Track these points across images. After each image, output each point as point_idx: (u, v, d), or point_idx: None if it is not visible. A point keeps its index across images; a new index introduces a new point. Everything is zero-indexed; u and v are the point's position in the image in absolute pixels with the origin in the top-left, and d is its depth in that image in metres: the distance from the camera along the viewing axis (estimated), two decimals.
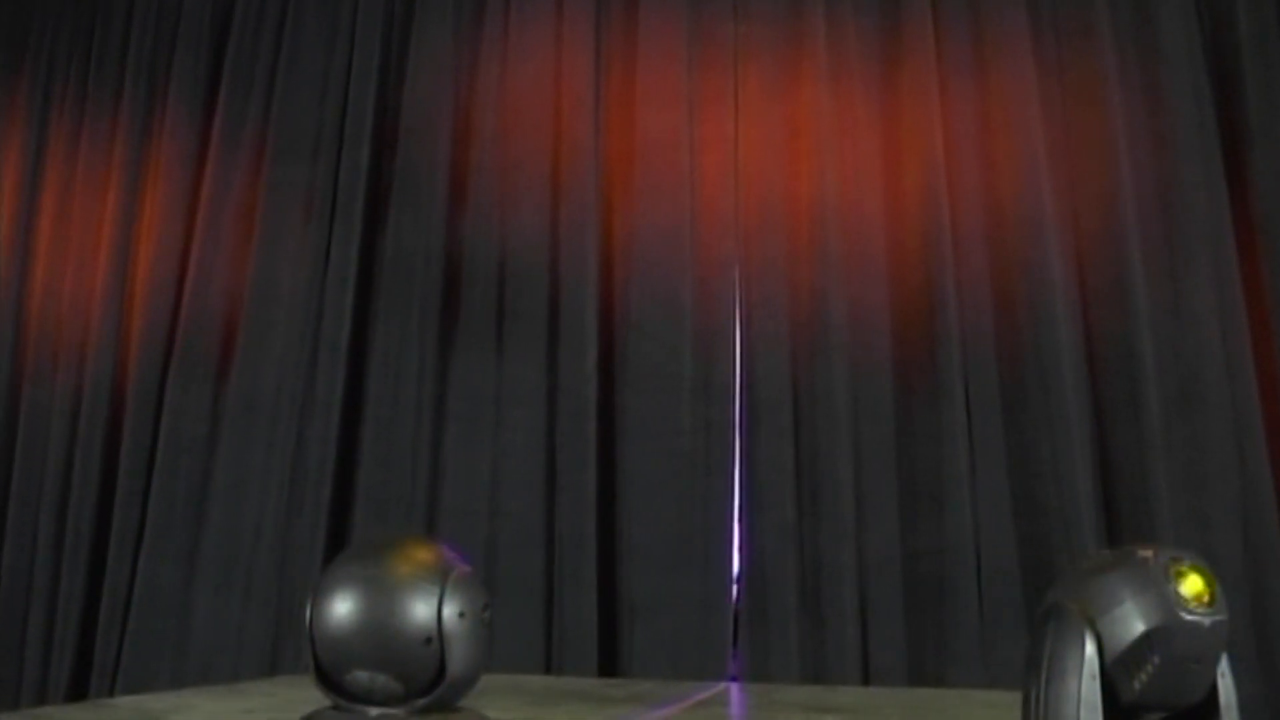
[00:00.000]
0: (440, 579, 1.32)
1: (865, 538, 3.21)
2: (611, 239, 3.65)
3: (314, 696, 2.47)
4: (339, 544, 3.53)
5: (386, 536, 1.48)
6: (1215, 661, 1.24)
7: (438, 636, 1.29)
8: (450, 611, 1.30)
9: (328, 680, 1.34)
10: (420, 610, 1.30)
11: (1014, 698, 2.67)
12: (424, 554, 1.36)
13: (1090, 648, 1.19)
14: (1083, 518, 3.02)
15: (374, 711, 1.33)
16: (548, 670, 3.24)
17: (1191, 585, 1.20)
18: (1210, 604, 1.20)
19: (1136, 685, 1.20)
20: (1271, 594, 2.92)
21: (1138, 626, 1.19)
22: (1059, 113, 3.34)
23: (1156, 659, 1.19)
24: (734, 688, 2.98)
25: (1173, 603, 1.19)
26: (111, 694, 3.50)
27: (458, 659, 1.30)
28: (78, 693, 3.57)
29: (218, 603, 3.48)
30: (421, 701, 1.32)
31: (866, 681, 3.10)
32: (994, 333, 3.25)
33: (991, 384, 3.22)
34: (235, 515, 3.56)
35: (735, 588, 3.30)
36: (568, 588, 3.32)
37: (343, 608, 1.30)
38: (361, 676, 1.30)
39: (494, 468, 3.50)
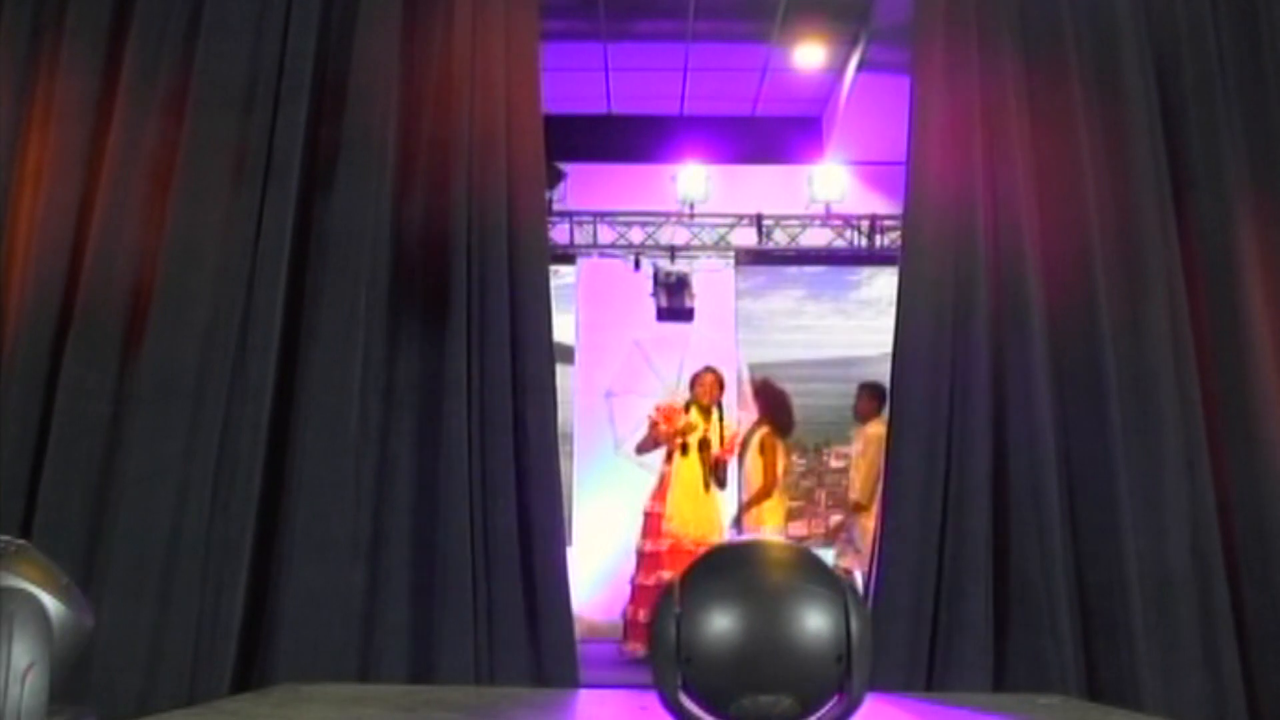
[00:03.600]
0: (841, 588, 1.17)
1: None
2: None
3: (323, 716, 2.14)
4: (270, 544, 3.16)
5: (746, 541, 1.30)
6: None
7: (846, 653, 1.14)
8: (858, 625, 1.16)
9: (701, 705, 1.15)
10: (829, 624, 1.15)
11: (1016, 701, 2.76)
12: (807, 559, 1.20)
13: None
14: (1054, 526, 3.15)
15: None
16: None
17: None
18: None
19: None
20: (1215, 595, 3.15)
21: None
22: (1031, 140, 3.45)
23: None
24: None
25: None
26: None
27: (858, 678, 1.17)
28: None
29: (125, 612, 2.99)
30: None
31: None
32: None
33: None
34: (147, 510, 3.09)
35: None
36: None
37: (738, 624, 1.13)
38: (764, 700, 1.13)
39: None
